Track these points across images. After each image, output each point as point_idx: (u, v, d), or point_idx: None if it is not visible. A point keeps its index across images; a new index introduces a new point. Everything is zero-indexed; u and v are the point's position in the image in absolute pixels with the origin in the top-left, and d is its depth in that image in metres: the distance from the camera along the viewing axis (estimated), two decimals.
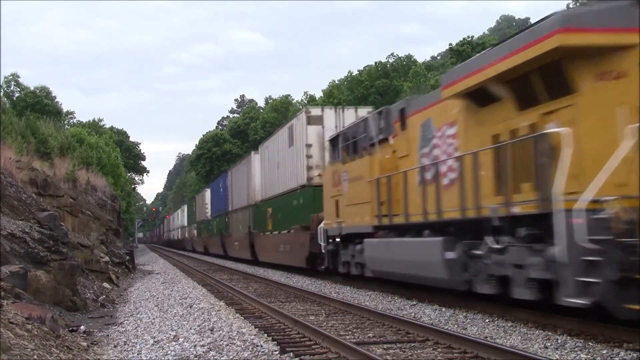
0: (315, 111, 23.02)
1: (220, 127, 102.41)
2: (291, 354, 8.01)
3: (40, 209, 15.49)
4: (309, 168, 22.26)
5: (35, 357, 6.51)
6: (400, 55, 65.88)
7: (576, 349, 7.94)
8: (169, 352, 8.32)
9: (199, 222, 54.19)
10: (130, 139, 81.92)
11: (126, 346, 8.94)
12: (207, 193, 50.67)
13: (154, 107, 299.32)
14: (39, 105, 49.25)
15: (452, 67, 31.34)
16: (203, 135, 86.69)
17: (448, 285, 11.75)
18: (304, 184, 22.39)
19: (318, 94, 71.01)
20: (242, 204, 33.75)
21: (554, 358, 7.53)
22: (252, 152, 32.38)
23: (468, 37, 54.74)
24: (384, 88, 60.51)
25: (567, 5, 43.30)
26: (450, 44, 55.68)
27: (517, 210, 9.43)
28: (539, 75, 9.15)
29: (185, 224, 68.92)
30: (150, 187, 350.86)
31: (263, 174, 29.80)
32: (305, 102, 72.94)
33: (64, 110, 59.23)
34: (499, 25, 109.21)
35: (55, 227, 13.97)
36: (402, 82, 59.00)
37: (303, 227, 21.58)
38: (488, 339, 8.70)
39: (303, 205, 22.29)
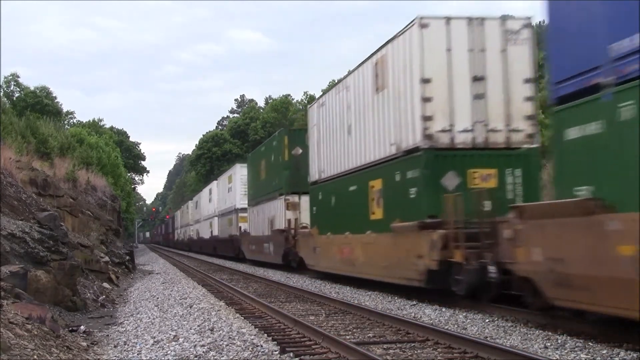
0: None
1: (220, 127, 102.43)
2: (291, 354, 8.01)
3: (40, 209, 15.49)
4: None
5: (35, 357, 6.50)
6: None
7: (576, 349, 7.95)
8: (169, 352, 8.32)
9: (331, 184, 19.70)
10: (130, 139, 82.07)
11: (126, 346, 8.94)
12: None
13: (154, 107, 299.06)
14: (39, 105, 49.26)
15: None
16: (203, 135, 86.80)
17: None
18: None
19: (318, 94, 71.04)
20: None
21: (554, 358, 7.53)
22: None
23: None
24: None
25: None
26: None
27: None
28: None
29: (237, 204, 37.76)
30: (150, 187, 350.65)
31: None
32: (306, 102, 72.93)
33: (64, 110, 59.31)
34: None
35: (55, 227, 13.96)
36: None
37: None
38: (488, 339, 8.70)
39: None
